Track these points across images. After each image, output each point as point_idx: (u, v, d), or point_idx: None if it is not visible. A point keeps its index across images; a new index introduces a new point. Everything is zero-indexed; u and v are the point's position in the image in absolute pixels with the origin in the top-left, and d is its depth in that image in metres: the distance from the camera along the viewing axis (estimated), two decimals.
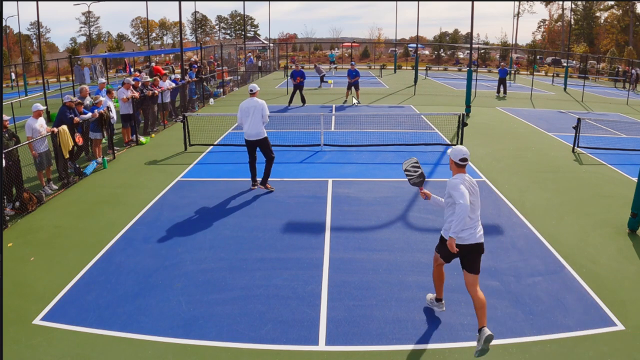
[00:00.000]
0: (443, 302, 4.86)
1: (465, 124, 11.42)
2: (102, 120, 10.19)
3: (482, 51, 54.52)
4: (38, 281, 5.42)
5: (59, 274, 5.56)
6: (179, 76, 17.04)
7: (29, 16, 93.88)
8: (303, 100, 18.12)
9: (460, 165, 4.34)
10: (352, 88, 18.91)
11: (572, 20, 45.97)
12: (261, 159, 8.35)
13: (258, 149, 8.30)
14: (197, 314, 4.81)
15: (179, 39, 39.20)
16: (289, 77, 18.88)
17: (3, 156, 6.54)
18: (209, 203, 7.85)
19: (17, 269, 5.70)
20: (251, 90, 8.29)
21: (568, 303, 5.01)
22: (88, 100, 10.63)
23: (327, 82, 25.96)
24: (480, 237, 4.26)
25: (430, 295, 4.96)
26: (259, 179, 8.51)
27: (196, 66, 19.55)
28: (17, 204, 7.44)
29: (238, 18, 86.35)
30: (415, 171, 4.79)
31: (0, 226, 6.42)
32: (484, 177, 9.23)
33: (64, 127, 8.80)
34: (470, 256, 4.26)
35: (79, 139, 9.47)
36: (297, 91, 18.10)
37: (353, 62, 19.30)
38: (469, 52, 22.99)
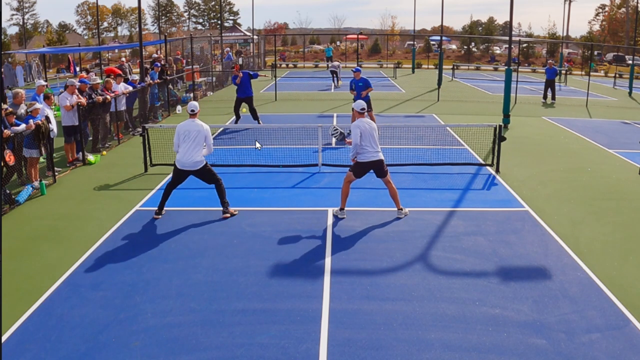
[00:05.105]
0: (345, 210, 8.67)
1: (503, 139, 11.63)
2: (40, 134, 10.38)
3: (525, 45, 55.53)
4: None
5: None
6: (137, 77, 17.36)
7: None
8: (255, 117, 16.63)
9: (360, 113, 8.53)
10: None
11: None
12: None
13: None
14: None
15: (137, 29, 39.86)
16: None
17: None
18: (176, 239, 7.97)
19: None
20: (192, 111, 8.88)
21: None
22: (22, 109, 10.81)
23: None
24: (380, 155, 8.50)
25: (335, 209, 8.80)
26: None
27: (159, 64, 19.91)
28: None
29: (213, 3, 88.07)
30: (336, 131, 10.26)
31: None
32: (527, 206, 9.40)
33: None
34: (377, 168, 8.52)
35: (10, 158, 9.63)
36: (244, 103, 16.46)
37: (358, 68, 15.18)
38: (507, 46, 23.49)
